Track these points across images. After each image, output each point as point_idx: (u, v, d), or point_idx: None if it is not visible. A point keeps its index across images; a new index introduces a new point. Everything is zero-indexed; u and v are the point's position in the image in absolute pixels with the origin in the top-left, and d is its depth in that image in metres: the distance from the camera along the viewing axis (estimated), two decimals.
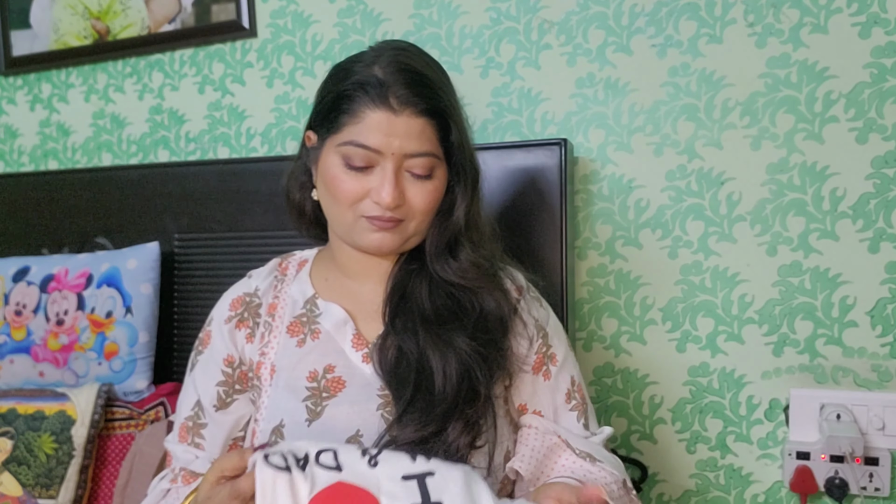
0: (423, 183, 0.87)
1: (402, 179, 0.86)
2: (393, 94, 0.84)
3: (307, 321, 0.92)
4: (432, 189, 0.88)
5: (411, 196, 0.87)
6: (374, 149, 0.84)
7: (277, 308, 0.95)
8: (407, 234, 0.89)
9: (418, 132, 0.85)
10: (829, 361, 1.21)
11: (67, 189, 1.59)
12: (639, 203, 1.29)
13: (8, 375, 1.43)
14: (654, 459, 1.31)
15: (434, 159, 0.87)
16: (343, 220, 0.89)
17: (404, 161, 0.85)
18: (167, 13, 1.61)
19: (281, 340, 0.92)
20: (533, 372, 0.92)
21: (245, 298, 0.97)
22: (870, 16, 1.16)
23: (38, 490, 1.22)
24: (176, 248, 1.48)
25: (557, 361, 0.94)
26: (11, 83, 1.82)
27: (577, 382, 0.95)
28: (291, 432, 0.86)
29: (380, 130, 0.84)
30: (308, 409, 0.86)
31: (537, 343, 0.92)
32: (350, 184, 0.86)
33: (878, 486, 1.15)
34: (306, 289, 0.95)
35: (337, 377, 0.88)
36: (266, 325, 0.94)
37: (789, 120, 1.21)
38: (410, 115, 0.84)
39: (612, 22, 1.30)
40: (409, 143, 0.85)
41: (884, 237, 1.17)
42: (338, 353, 0.90)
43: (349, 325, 0.91)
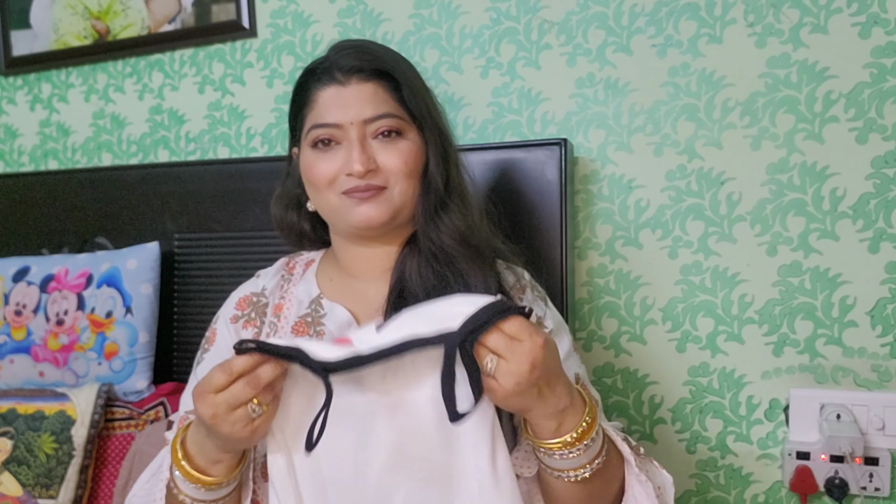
0: (392, 143, 0.87)
1: (369, 146, 0.87)
2: (337, 68, 0.87)
3: (312, 322, 0.92)
4: (404, 149, 0.88)
5: (383, 160, 0.87)
6: (332, 124, 0.86)
7: (283, 308, 0.94)
8: (393, 201, 0.88)
9: (370, 96, 0.86)
10: (829, 361, 1.21)
11: (67, 189, 1.59)
12: (639, 203, 1.29)
13: (8, 375, 1.43)
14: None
15: (396, 119, 0.87)
16: (330, 205, 0.89)
17: (366, 127, 0.86)
18: (167, 13, 1.61)
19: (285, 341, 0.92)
20: None
21: (252, 298, 0.97)
22: (870, 16, 1.16)
23: (38, 490, 1.22)
24: (176, 248, 1.48)
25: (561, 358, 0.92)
26: (11, 83, 1.82)
27: (581, 381, 0.93)
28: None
29: (333, 105, 0.87)
30: None
31: None
32: (322, 165, 0.87)
33: (878, 486, 1.15)
34: (312, 289, 0.95)
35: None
36: (271, 326, 0.93)
37: (789, 120, 1.21)
38: (358, 81, 0.87)
39: (612, 22, 1.30)
40: (364, 108, 0.86)
41: (884, 237, 1.17)
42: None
43: (353, 327, 0.90)
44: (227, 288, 1.01)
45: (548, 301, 0.97)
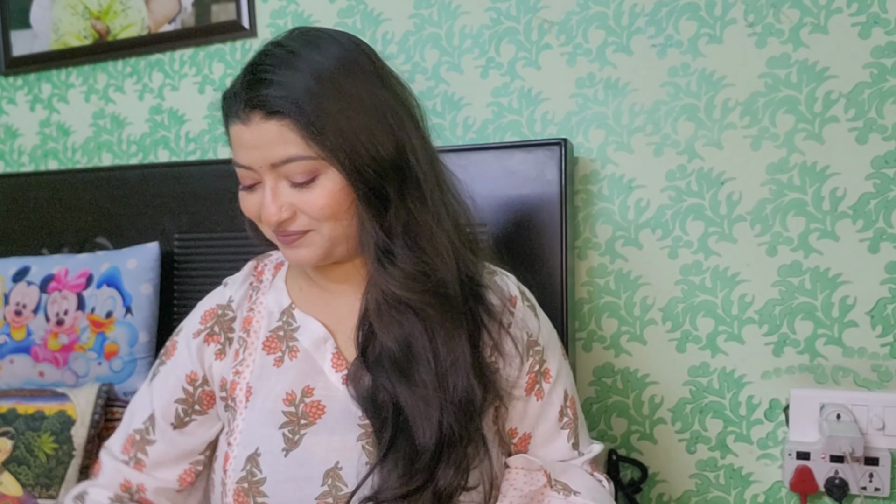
0: (307, 190, 0.77)
1: (283, 190, 0.77)
2: (241, 102, 0.76)
3: (284, 336, 0.86)
4: (321, 193, 0.76)
5: (301, 204, 0.77)
6: (244, 166, 0.78)
7: (253, 322, 0.88)
8: (321, 244, 0.80)
9: (274, 137, 0.75)
10: (829, 361, 1.21)
11: (67, 189, 1.59)
12: (639, 203, 1.29)
13: (8, 375, 1.43)
14: (654, 459, 1.31)
15: (306, 162, 0.75)
16: (268, 234, 0.83)
17: (276, 170, 0.76)
18: (167, 13, 1.61)
19: (257, 358, 0.86)
20: (525, 393, 0.87)
21: (217, 311, 0.90)
22: (870, 16, 1.16)
23: (38, 490, 1.22)
24: (176, 248, 1.48)
25: (551, 377, 0.89)
26: (11, 83, 1.82)
27: (570, 395, 0.91)
28: (267, 462, 0.80)
29: (241, 146, 0.77)
30: (285, 438, 0.81)
31: (529, 361, 0.87)
32: (247, 203, 0.81)
33: (878, 486, 1.15)
34: (282, 298, 0.89)
35: (316, 401, 0.82)
36: (241, 342, 0.88)
37: (789, 120, 1.21)
38: (258, 121, 0.75)
39: (612, 22, 1.30)
40: (270, 151, 0.75)
41: (884, 237, 1.17)
42: (317, 372, 0.84)
43: (329, 343, 0.85)
44: None
45: (537, 309, 0.92)
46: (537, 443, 0.89)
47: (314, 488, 0.78)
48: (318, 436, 0.80)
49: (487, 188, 1.25)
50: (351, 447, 0.80)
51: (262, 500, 0.79)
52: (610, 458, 1.30)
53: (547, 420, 0.89)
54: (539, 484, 0.84)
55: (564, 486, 0.85)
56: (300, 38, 0.79)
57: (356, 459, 0.79)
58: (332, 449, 0.80)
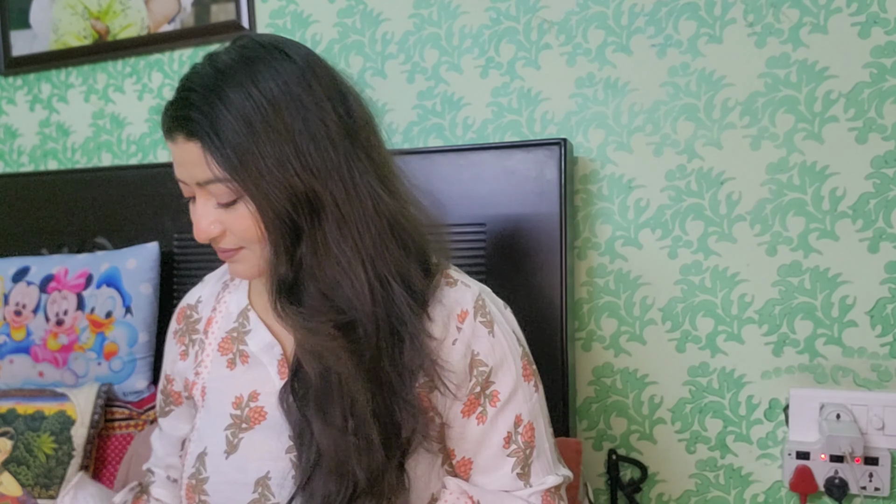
0: (231, 210, 0.76)
1: (211, 207, 0.77)
2: (168, 119, 0.76)
3: (237, 338, 0.86)
4: (244, 215, 0.75)
5: (229, 224, 0.77)
6: (179, 179, 0.78)
7: (212, 323, 0.90)
8: (255, 261, 0.78)
9: (196, 157, 0.74)
10: (829, 361, 1.21)
11: (67, 189, 1.59)
12: (639, 203, 1.29)
13: (8, 375, 1.43)
14: (654, 459, 1.31)
15: (224, 184, 0.74)
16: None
17: (203, 188, 0.76)
18: (167, 13, 1.61)
19: (213, 359, 0.87)
20: (463, 415, 0.80)
21: (186, 311, 0.94)
22: (870, 16, 1.16)
23: (38, 490, 1.22)
24: (176, 248, 1.48)
25: (499, 401, 0.80)
26: (11, 83, 1.82)
27: (526, 422, 0.82)
28: (212, 463, 0.83)
29: (174, 161, 0.78)
30: (227, 440, 0.82)
31: (471, 383, 0.80)
32: (191, 215, 0.79)
33: (878, 486, 1.15)
34: (241, 299, 0.88)
35: (259, 407, 0.82)
36: (200, 344, 0.89)
37: (789, 120, 1.21)
38: (182, 141, 0.75)
39: (611, 22, 1.30)
40: (194, 170, 0.75)
41: (884, 237, 1.17)
42: (265, 378, 0.83)
43: (276, 349, 0.83)
44: None
45: (495, 327, 0.82)
46: (478, 469, 0.82)
47: (247, 494, 0.80)
48: (253, 441, 0.81)
49: (487, 188, 1.25)
50: (281, 459, 0.80)
51: (205, 499, 0.82)
52: (610, 458, 1.30)
53: (489, 446, 0.81)
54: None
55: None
56: (238, 54, 0.76)
57: (283, 472, 0.79)
58: (263, 458, 0.80)
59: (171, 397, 0.94)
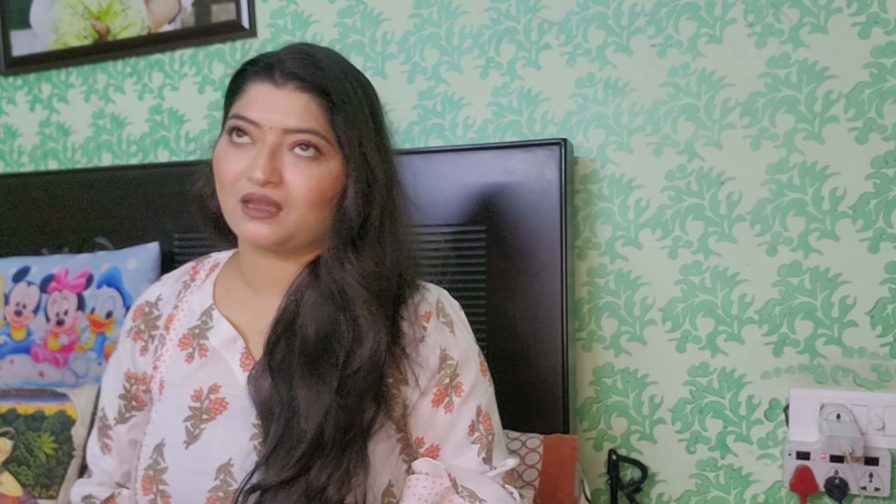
0: (306, 164, 0.80)
1: (281, 159, 0.80)
2: (279, 69, 0.81)
3: (198, 334, 0.89)
4: (315, 174, 0.80)
5: (291, 178, 0.80)
6: (252, 121, 0.80)
7: (174, 320, 0.92)
8: (286, 226, 0.81)
9: (301, 108, 0.80)
10: (829, 361, 1.21)
11: (67, 189, 1.59)
12: (639, 203, 1.29)
13: (8, 375, 1.43)
14: (654, 459, 1.31)
15: (319, 139, 0.80)
16: (227, 206, 0.84)
17: (285, 137, 0.80)
18: (167, 13, 1.61)
19: (172, 353, 0.90)
20: (433, 405, 0.87)
21: (145, 308, 0.95)
22: (870, 16, 1.16)
23: (38, 490, 1.22)
24: (176, 248, 1.48)
25: (463, 391, 0.88)
26: (11, 83, 1.82)
27: (484, 412, 0.89)
28: (171, 453, 0.84)
29: (260, 102, 0.81)
30: (187, 431, 0.84)
31: (439, 375, 0.86)
32: (231, 161, 0.81)
33: (878, 486, 1.15)
34: (205, 299, 0.91)
35: (220, 398, 0.85)
36: (160, 339, 0.91)
37: (789, 120, 1.21)
38: (293, 89, 0.80)
39: (612, 22, 1.30)
40: (290, 117, 0.80)
41: (884, 237, 1.17)
42: (226, 372, 0.86)
43: (238, 343, 0.87)
44: None
45: (455, 327, 0.90)
46: (446, 455, 0.88)
47: (208, 481, 0.81)
48: (216, 430, 0.83)
49: (487, 188, 1.26)
50: (243, 445, 0.82)
51: (164, 489, 0.83)
52: (610, 458, 1.30)
53: (456, 433, 0.88)
54: (442, 487, 0.85)
55: (471, 492, 0.85)
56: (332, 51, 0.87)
57: (247, 458, 0.81)
58: (226, 445, 0.83)
59: (134, 400, 0.94)
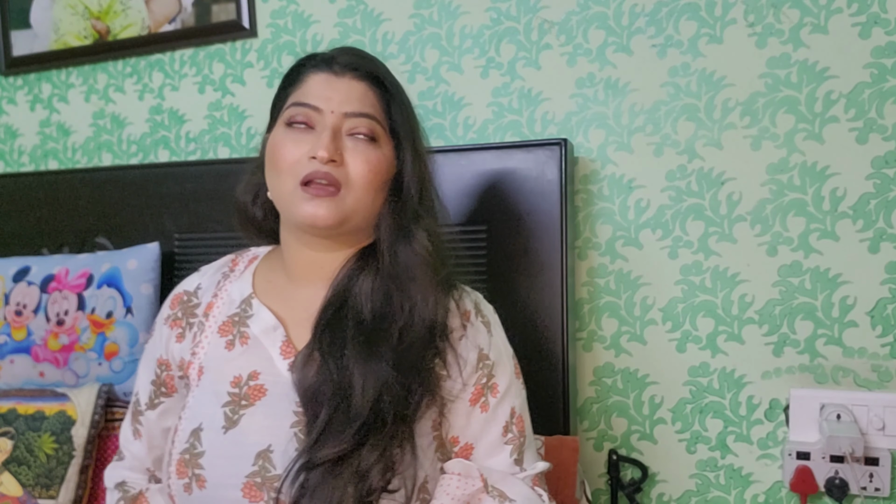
0: (365, 147, 0.85)
1: (342, 141, 0.85)
2: (336, 62, 0.88)
3: (238, 321, 0.90)
4: (373, 158, 0.85)
5: (350, 160, 0.84)
6: (313, 105, 0.85)
7: (213, 308, 0.93)
8: (344, 207, 0.84)
9: (359, 94, 0.86)
10: (829, 361, 1.21)
11: (67, 189, 1.59)
12: (639, 203, 1.29)
13: (8, 375, 1.43)
14: (654, 459, 1.31)
15: (376, 124, 0.86)
16: (284, 191, 0.86)
17: (345, 121, 0.85)
18: (167, 13, 1.61)
19: (211, 340, 0.91)
20: (470, 403, 0.88)
21: (183, 297, 0.97)
22: (870, 16, 1.16)
23: (39, 490, 1.22)
24: (176, 248, 1.48)
25: (498, 392, 0.89)
26: (11, 83, 1.82)
27: (518, 413, 0.91)
28: (208, 438, 0.84)
29: (319, 89, 0.86)
30: (226, 416, 0.84)
31: (476, 374, 0.88)
32: (290, 146, 0.85)
33: (878, 486, 1.15)
34: (245, 288, 0.93)
35: (259, 385, 0.86)
36: (199, 325, 0.93)
37: (789, 120, 1.21)
38: (352, 78, 0.87)
39: (612, 22, 1.30)
40: (349, 102, 0.85)
41: (884, 237, 1.17)
42: (266, 359, 0.87)
43: (279, 332, 0.88)
44: None
45: (492, 328, 0.93)
46: (479, 455, 0.89)
47: (245, 466, 0.81)
48: (255, 416, 0.84)
49: (488, 188, 1.25)
50: (284, 432, 0.82)
51: (199, 472, 0.83)
52: (610, 458, 1.30)
53: (490, 433, 0.89)
54: (474, 488, 0.85)
55: (501, 493, 0.86)
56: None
57: (286, 444, 0.81)
58: (265, 431, 0.83)
59: (164, 386, 0.95)
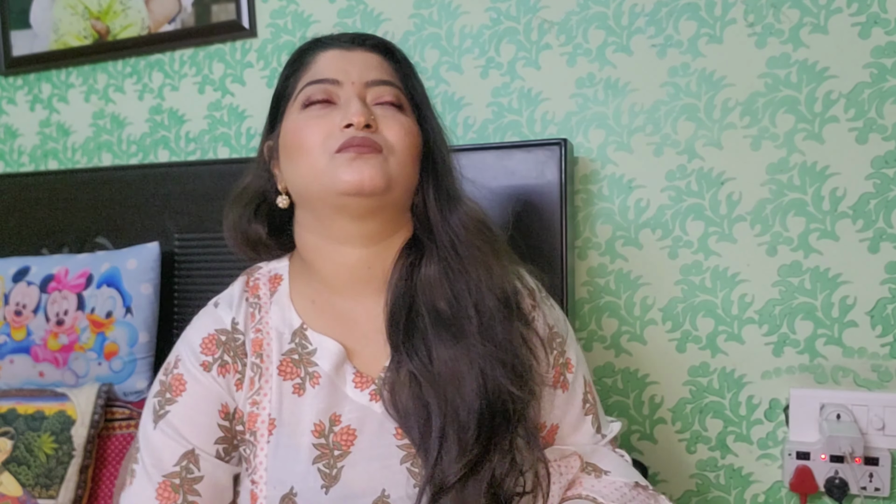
0: (394, 114, 0.80)
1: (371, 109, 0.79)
2: (345, 38, 0.84)
3: (300, 360, 0.79)
4: (405, 122, 0.80)
5: (385, 127, 0.78)
6: (331, 79, 0.79)
7: (263, 345, 0.80)
8: (390, 169, 0.77)
9: (376, 63, 0.82)
10: (829, 361, 1.21)
11: (67, 189, 1.59)
12: (639, 203, 1.29)
13: (8, 375, 1.43)
14: (654, 459, 1.31)
15: (399, 92, 0.82)
16: (316, 169, 0.76)
17: (367, 91, 0.80)
18: (167, 13, 1.61)
19: (274, 385, 0.78)
20: (552, 386, 0.85)
21: (220, 338, 0.81)
22: (870, 16, 1.16)
23: (38, 490, 1.22)
24: (176, 248, 1.48)
25: (573, 367, 0.87)
26: (11, 83, 1.82)
27: (588, 381, 0.90)
28: (308, 501, 0.73)
29: (334, 64, 0.81)
30: (322, 473, 0.74)
31: (553, 354, 0.85)
32: (315, 125, 0.77)
33: (878, 486, 1.15)
34: (291, 318, 0.81)
35: (345, 427, 0.76)
36: (254, 368, 0.79)
37: (789, 120, 1.21)
38: (365, 49, 0.83)
39: (612, 22, 1.30)
40: (368, 71, 0.81)
41: (884, 237, 1.17)
42: (341, 398, 0.77)
43: (347, 365, 0.79)
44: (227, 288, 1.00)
45: (552, 301, 0.91)
46: (565, 433, 0.87)
47: None
48: (357, 466, 0.74)
49: (487, 188, 1.25)
50: (395, 472, 0.74)
51: None
52: None
53: (573, 410, 0.87)
54: (574, 469, 0.84)
55: (595, 467, 0.84)
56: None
57: (404, 484, 0.74)
58: (374, 477, 0.74)
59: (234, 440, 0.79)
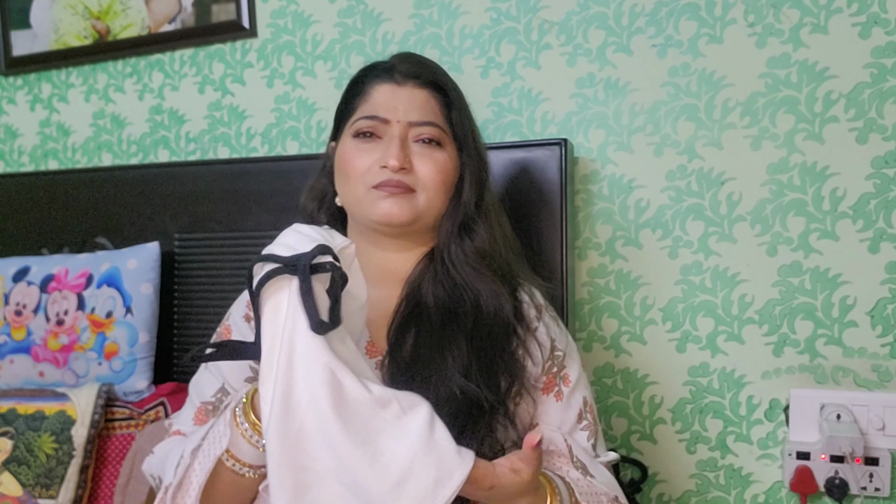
0: (431, 152, 0.91)
1: (409, 148, 0.90)
2: (398, 71, 0.93)
3: None
4: (441, 159, 0.91)
5: (419, 165, 0.90)
6: (380, 117, 0.90)
7: None
8: (418, 206, 0.90)
9: (422, 102, 0.92)
10: (829, 361, 1.21)
11: (67, 189, 1.59)
12: (639, 203, 1.29)
13: (8, 375, 1.43)
14: (654, 459, 1.31)
15: (439, 130, 0.92)
16: (356, 196, 0.91)
17: (410, 130, 0.90)
18: (167, 13, 1.61)
19: None
20: (543, 392, 0.91)
21: None
22: (870, 16, 1.16)
23: (38, 490, 1.22)
24: (176, 248, 1.48)
25: (570, 382, 0.93)
26: (11, 83, 1.82)
27: (590, 404, 0.94)
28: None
29: (385, 100, 0.91)
30: None
31: (548, 364, 0.91)
32: (360, 156, 0.90)
33: (878, 486, 1.15)
34: None
35: None
36: None
37: (789, 120, 1.21)
38: (413, 86, 0.92)
39: (612, 22, 1.30)
40: (413, 111, 0.91)
41: (884, 237, 1.17)
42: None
43: (364, 334, 0.88)
44: (227, 288, 1.01)
45: (558, 321, 0.97)
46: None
47: None
48: None
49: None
50: None
51: None
52: None
53: (567, 420, 0.92)
54: (559, 445, 0.88)
55: (584, 466, 0.88)
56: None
57: None
58: None
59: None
